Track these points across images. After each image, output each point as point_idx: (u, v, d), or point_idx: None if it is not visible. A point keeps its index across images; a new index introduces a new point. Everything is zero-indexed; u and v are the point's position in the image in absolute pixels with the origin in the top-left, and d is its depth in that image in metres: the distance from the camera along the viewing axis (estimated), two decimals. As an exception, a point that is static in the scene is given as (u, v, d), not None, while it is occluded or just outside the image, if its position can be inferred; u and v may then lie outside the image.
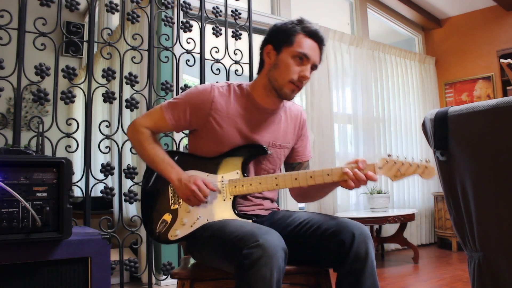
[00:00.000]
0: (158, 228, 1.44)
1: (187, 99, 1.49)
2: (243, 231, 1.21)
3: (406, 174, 1.40)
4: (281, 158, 1.59)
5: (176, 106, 1.49)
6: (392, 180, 1.41)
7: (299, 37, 1.45)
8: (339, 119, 4.23)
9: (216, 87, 1.50)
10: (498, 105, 0.93)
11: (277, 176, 1.42)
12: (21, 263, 1.33)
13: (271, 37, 1.51)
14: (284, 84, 1.45)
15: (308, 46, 1.45)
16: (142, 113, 2.90)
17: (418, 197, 4.77)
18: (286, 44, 1.45)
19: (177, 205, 1.45)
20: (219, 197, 1.44)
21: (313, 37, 1.47)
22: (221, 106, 1.48)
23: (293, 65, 1.44)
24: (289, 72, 1.44)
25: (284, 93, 1.47)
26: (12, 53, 2.11)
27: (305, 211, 1.51)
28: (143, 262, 2.84)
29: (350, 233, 1.29)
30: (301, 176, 1.39)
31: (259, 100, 1.52)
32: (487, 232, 1.00)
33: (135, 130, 1.52)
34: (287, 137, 1.58)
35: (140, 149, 1.51)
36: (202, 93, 1.49)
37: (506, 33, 4.66)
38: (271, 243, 1.15)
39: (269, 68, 1.49)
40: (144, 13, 2.66)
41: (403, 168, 1.40)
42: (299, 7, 4.21)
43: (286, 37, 1.46)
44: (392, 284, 3.04)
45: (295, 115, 1.63)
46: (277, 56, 1.47)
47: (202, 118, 1.48)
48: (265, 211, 1.56)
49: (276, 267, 1.13)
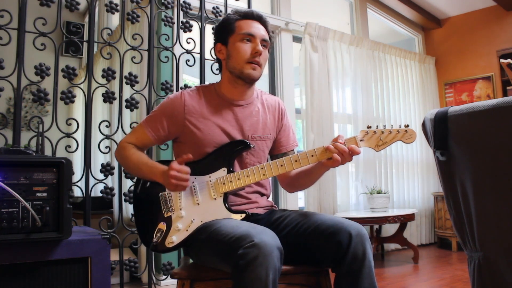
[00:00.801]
0: (155, 238, 1.45)
1: (161, 109, 1.55)
2: (239, 231, 1.21)
3: (388, 142, 1.42)
4: (265, 150, 1.61)
5: (153, 119, 1.54)
6: (376, 150, 1.43)
7: (238, 22, 1.53)
8: (339, 119, 4.23)
9: (185, 92, 1.56)
10: (498, 105, 0.93)
11: (262, 166, 1.44)
12: (21, 263, 1.33)
13: (216, 37, 1.60)
14: (242, 66, 1.50)
15: (249, 25, 1.52)
16: (142, 113, 2.91)
17: (418, 197, 4.77)
18: (229, 34, 1.53)
19: (170, 212, 1.46)
20: (210, 197, 1.45)
21: (250, 17, 1.54)
22: (194, 108, 1.52)
23: (242, 47, 1.50)
24: (242, 54, 1.50)
25: (247, 74, 1.50)
26: (12, 53, 2.11)
27: (303, 211, 1.51)
28: (143, 262, 2.84)
29: (347, 233, 1.29)
30: (286, 162, 1.42)
31: (229, 94, 1.56)
32: (487, 232, 1.00)
33: (120, 147, 1.56)
34: (266, 128, 1.60)
35: (125, 161, 1.54)
36: (173, 101, 1.54)
37: (506, 33, 4.66)
38: (266, 243, 1.15)
39: (226, 62, 1.55)
40: (144, 13, 2.66)
41: (383, 136, 1.42)
42: (299, 7, 4.21)
43: (227, 29, 1.53)
44: (392, 284, 3.04)
45: (273, 105, 1.65)
46: (227, 48, 1.54)
47: (179, 125, 1.52)
48: (261, 209, 1.56)
49: (272, 266, 1.13)
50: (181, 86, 2.71)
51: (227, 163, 1.48)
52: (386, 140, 1.41)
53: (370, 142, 1.42)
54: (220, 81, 1.60)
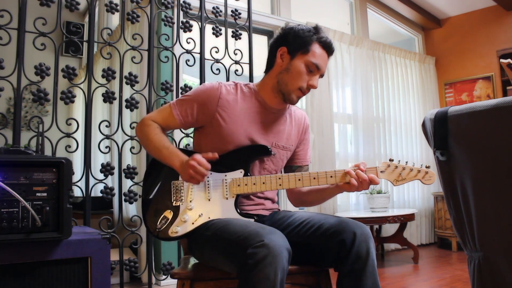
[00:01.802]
0: (159, 225, 1.44)
1: (195, 95, 1.52)
2: (247, 230, 1.21)
3: (407, 179, 1.43)
4: (284, 160, 1.61)
5: (184, 103, 1.51)
6: (393, 184, 1.44)
7: (315, 46, 1.48)
8: (339, 119, 4.23)
9: (223, 85, 1.53)
10: (498, 105, 0.93)
11: (280, 176, 1.44)
12: (21, 263, 1.33)
13: (286, 40, 1.51)
14: (293, 90, 1.49)
15: (321, 57, 1.49)
16: (142, 113, 2.91)
17: (418, 197, 4.77)
18: (302, 51, 1.47)
19: (179, 202, 1.45)
20: (222, 195, 1.45)
21: (327, 48, 1.51)
22: (228, 103, 1.50)
23: (304, 73, 1.47)
24: (300, 80, 1.47)
25: (291, 98, 1.50)
26: (12, 53, 2.11)
27: (305, 211, 1.51)
28: (143, 262, 2.84)
29: (351, 232, 1.29)
30: (304, 177, 1.42)
31: (266, 100, 1.54)
32: (487, 232, 1.00)
33: (143, 124, 1.53)
34: (290, 139, 1.60)
35: (145, 140, 1.51)
36: (209, 90, 1.51)
37: (506, 33, 4.66)
38: (276, 243, 1.15)
39: (280, 71, 1.51)
40: (144, 13, 2.65)
41: (404, 172, 1.43)
42: (299, 7, 4.21)
43: (302, 43, 1.48)
44: (392, 284, 3.04)
45: (299, 119, 1.66)
46: (291, 61, 1.49)
47: (208, 115, 1.49)
48: (266, 211, 1.57)
49: (281, 267, 1.13)
50: (181, 86, 2.71)
51: (246, 165, 1.47)
52: (405, 177, 1.43)
53: (390, 175, 1.43)
54: (262, 83, 1.57)
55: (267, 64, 1.57)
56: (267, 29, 3.96)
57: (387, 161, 1.43)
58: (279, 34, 1.55)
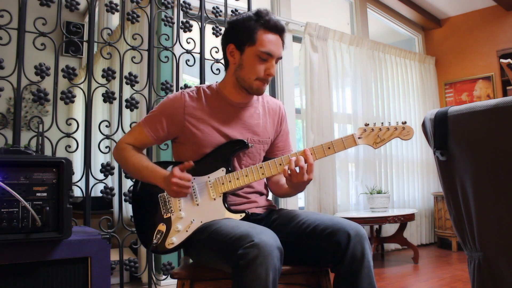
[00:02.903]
0: (155, 240, 1.45)
1: (161, 109, 1.52)
2: (239, 231, 1.21)
3: (386, 139, 1.43)
4: (261, 154, 1.60)
5: (152, 119, 1.52)
6: (374, 147, 1.44)
7: (260, 33, 1.44)
8: (339, 119, 4.23)
9: (186, 93, 1.53)
10: (498, 105, 0.93)
11: (261, 165, 1.45)
12: (21, 263, 1.33)
13: (231, 36, 1.49)
14: (252, 82, 1.47)
15: (271, 42, 1.45)
16: (142, 113, 2.91)
17: (418, 197, 4.77)
18: (248, 43, 1.45)
19: (169, 213, 1.46)
20: (209, 197, 1.45)
21: (274, 30, 1.46)
22: (194, 109, 1.50)
23: (258, 64, 1.45)
24: (255, 71, 1.46)
25: (256, 89, 1.49)
26: (12, 53, 2.11)
27: (302, 211, 1.51)
28: (143, 262, 2.84)
29: (346, 233, 1.28)
30: (285, 160, 1.43)
31: (231, 97, 1.54)
32: (487, 232, 1.00)
33: (118, 148, 1.55)
34: (266, 132, 1.59)
35: (124, 163, 1.53)
36: (173, 101, 1.52)
37: (506, 33, 4.66)
38: (266, 243, 1.15)
39: (235, 68, 1.50)
40: (144, 13, 2.65)
41: (381, 133, 1.43)
42: (299, 7, 4.21)
43: (247, 35, 1.45)
44: (392, 284, 3.04)
45: (274, 109, 1.64)
46: (241, 56, 1.47)
47: (178, 125, 1.50)
48: (260, 209, 1.56)
49: (272, 266, 1.13)
50: (181, 86, 2.71)
51: (226, 163, 1.47)
52: (384, 137, 1.43)
53: (368, 139, 1.44)
54: (224, 82, 1.57)
55: (224, 63, 1.58)
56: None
57: (362, 126, 1.44)
58: (224, 30, 1.54)
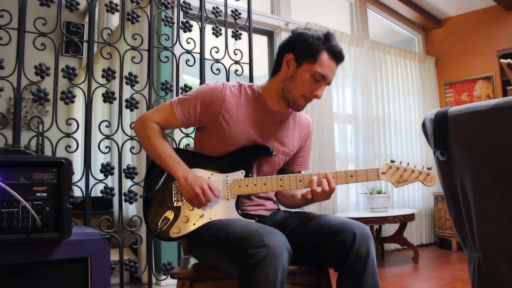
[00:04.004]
0: (160, 225, 1.43)
1: (199, 95, 1.48)
2: (248, 230, 1.21)
3: (408, 181, 1.43)
4: (281, 164, 1.60)
5: (186, 102, 1.48)
6: (395, 186, 1.44)
7: (323, 55, 1.43)
8: (339, 119, 4.23)
9: (228, 86, 1.50)
10: (498, 105, 0.92)
11: (281, 177, 1.43)
12: (21, 263, 1.33)
13: (294, 46, 1.46)
14: (297, 97, 1.46)
15: (329, 67, 1.44)
16: (141, 113, 2.91)
17: (418, 197, 4.77)
18: (309, 59, 1.43)
19: (180, 202, 1.45)
20: (223, 196, 1.44)
21: (336, 57, 1.46)
22: (231, 105, 1.48)
23: (309, 82, 1.44)
24: (304, 89, 1.44)
25: (295, 105, 1.48)
26: (12, 53, 2.11)
27: (305, 211, 1.51)
28: (143, 262, 2.84)
29: (351, 232, 1.29)
30: (305, 178, 1.42)
31: (270, 104, 1.52)
32: (487, 232, 1.00)
33: (143, 124, 1.49)
34: (291, 144, 1.58)
35: (147, 144, 1.48)
36: (214, 91, 1.48)
37: (506, 33, 4.66)
38: (276, 243, 1.15)
39: (285, 77, 1.47)
40: (144, 13, 2.65)
41: (405, 174, 1.42)
42: (299, 7, 4.21)
43: (310, 52, 1.43)
44: (392, 284, 3.04)
45: (303, 124, 1.64)
46: (297, 69, 1.45)
47: (211, 116, 1.47)
48: (267, 212, 1.56)
49: (281, 267, 1.14)
50: (181, 86, 2.71)
51: (247, 166, 1.46)
52: (406, 178, 1.42)
53: (391, 177, 1.42)
54: (267, 87, 1.54)
55: (274, 68, 1.54)
56: (267, 29, 3.96)
57: (388, 163, 1.42)
58: (288, 38, 1.50)
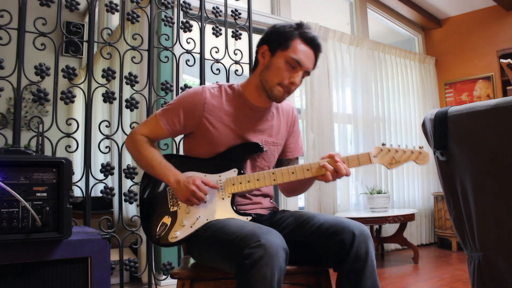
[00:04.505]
0: (158, 231, 1.45)
1: (180, 102, 1.51)
2: (245, 231, 1.21)
3: (401, 161, 1.43)
4: (275, 155, 1.61)
5: (169, 112, 1.51)
6: (388, 168, 1.44)
7: (296, 42, 1.45)
8: (339, 119, 4.23)
9: (207, 89, 1.52)
10: (498, 105, 0.93)
11: (274, 171, 1.44)
12: (21, 263, 1.33)
13: (268, 38, 1.51)
14: (273, 86, 1.46)
15: (303, 53, 1.45)
16: (142, 113, 2.91)
17: (418, 197, 4.77)
18: (282, 47, 1.45)
19: (176, 207, 1.46)
20: (218, 196, 1.45)
21: (310, 43, 1.46)
22: (214, 107, 1.49)
23: (284, 69, 1.44)
24: (280, 76, 1.45)
25: (274, 95, 1.48)
26: (12, 53, 2.11)
27: (304, 211, 1.51)
28: (143, 262, 2.84)
29: (351, 232, 1.29)
30: (298, 170, 1.42)
31: (252, 99, 1.54)
32: (487, 232, 1.00)
33: (132, 138, 1.54)
34: (280, 134, 1.60)
35: (137, 156, 1.52)
36: (194, 95, 1.50)
37: (506, 33, 4.66)
38: (273, 243, 1.15)
39: (262, 69, 1.50)
40: (144, 13, 2.65)
41: (397, 155, 1.42)
42: (299, 7, 4.21)
43: (282, 40, 1.45)
44: (392, 284, 3.04)
45: (287, 111, 1.65)
46: (271, 58, 1.47)
47: (195, 120, 1.49)
48: (265, 210, 1.56)
49: (277, 267, 1.14)
50: (181, 86, 2.71)
51: (239, 164, 1.47)
52: (399, 159, 1.42)
53: (383, 159, 1.42)
54: (246, 84, 1.56)
55: (253, 65, 1.57)
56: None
57: (379, 146, 1.42)
58: (263, 33, 1.55)
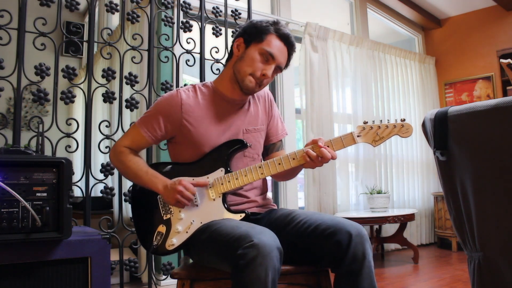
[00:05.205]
0: (155, 241, 1.45)
1: (157, 108, 1.52)
2: (238, 231, 1.22)
3: (385, 137, 1.42)
4: (260, 142, 1.62)
5: (148, 119, 1.52)
6: (373, 145, 1.43)
7: (270, 36, 1.49)
8: (339, 119, 4.23)
9: (181, 91, 1.53)
10: (498, 105, 0.93)
11: (260, 165, 1.45)
12: (21, 263, 1.33)
13: (244, 31, 1.54)
14: (245, 76, 1.48)
15: (277, 47, 1.49)
16: (141, 113, 2.91)
17: (418, 197, 4.77)
18: (256, 40, 1.49)
19: (169, 214, 1.46)
20: (209, 198, 1.45)
21: (284, 40, 1.51)
22: (190, 107, 1.51)
23: (257, 61, 1.47)
24: (252, 67, 1.47)
25: (245, 85, 1.49)
26: (12, 53, 2.11)
27: (303, 211, 1.51)
28: (143, 262, 2.84)
29: (347, 233, 1.28)
30: (284, 160, 1.43)
31: (226, 93, 1.55)
32: (487, 232, 1.00)
33: (115, 151, 1.54)
34: (259, 119, 1.61)
35: (123, 168, 1.52)
36: (169, 99, 1.52)
37: (506, 33, 4.66)
38: (266, 243, 1.15)
39: (236, 60, 1.52)
40: (144, 13, 2.65)
41: (380, 131, 1.42)
42: (299, 7, 4.21)
43: (258, 33, 1.49)
44: (392, 284, 3.04)
45: (263, 97, 1.67)
46: (245, 50, 1.51)
47: (176, 123, 1.50)
48: (260, 209, 1.57)
49: (271, 266, 1.14)
50: (181, 86, 2.70)
51: (225, 163, 1.47)
52: (383, 135, 1.42)
53: (367, 137, 1.42)
54: (220, 78, 1.58)
55: (227, 57, 1.60)
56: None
57: (361, 124, 1.43)
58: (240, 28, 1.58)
